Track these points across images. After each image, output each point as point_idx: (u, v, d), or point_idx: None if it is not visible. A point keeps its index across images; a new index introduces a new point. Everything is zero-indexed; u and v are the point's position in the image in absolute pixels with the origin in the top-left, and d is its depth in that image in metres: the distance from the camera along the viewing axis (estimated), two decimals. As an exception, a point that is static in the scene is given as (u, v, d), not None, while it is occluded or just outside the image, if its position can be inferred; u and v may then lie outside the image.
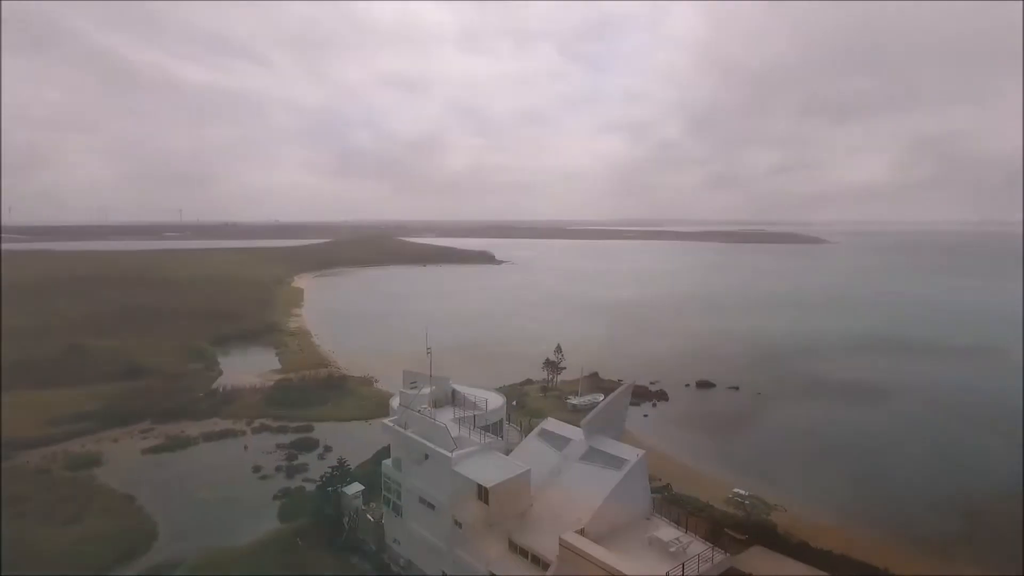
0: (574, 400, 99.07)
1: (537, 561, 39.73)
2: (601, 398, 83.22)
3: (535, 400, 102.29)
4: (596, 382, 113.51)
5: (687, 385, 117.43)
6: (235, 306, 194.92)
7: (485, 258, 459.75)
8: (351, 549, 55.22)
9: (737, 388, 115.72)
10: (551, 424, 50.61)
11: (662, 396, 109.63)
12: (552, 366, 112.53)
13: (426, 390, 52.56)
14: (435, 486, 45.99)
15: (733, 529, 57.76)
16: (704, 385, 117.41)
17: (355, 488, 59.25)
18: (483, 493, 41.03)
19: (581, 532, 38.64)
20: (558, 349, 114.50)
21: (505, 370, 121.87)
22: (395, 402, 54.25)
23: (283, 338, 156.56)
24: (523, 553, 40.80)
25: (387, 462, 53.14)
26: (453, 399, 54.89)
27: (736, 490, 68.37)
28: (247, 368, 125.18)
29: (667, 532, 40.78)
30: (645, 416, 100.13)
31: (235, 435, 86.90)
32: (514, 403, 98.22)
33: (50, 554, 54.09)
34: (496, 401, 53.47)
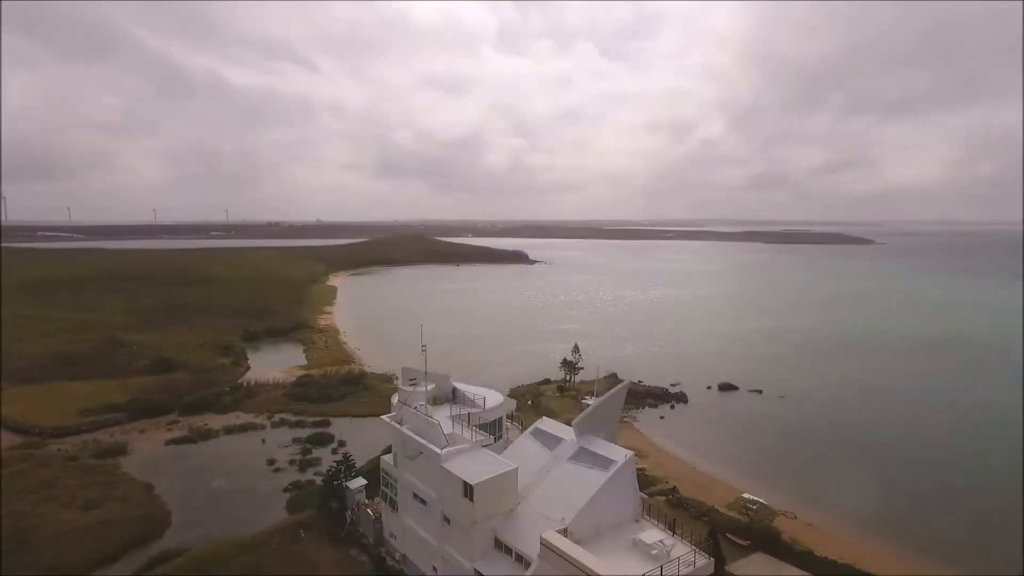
0: (588, 400, 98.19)
1: (520, 559, 39.77)
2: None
3: (551, 400, 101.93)
4: (614, 383, 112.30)
5: (708, 388, 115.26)
6: (269, 303, 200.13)
7: (518, 258, 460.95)
8: (352, 542, 56.25)
9: (760, 391, 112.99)
10: (545, 424, 50.49)
11: (681, 398, 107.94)
12: (569, 366, 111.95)
13: (422, 387, 53.05)
14: (427, 482, 46.46)
15: (735, 534, 56.66)
16: (726, 388, 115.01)
17: (358, 483, 60.19)
18: (468, 490, 41.24)
19: (564, 532, 38.53)
20: (576, 349, 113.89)
21: (525, 369, 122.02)
22: (396, 399, 54.98)
23: (312, 335, 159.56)
24: (507, 551, 40.95)
25: (386, 458, 53.98)
26: (453, 397, 55.29)
27: (743, 495, 66.78)
28: (274, 364, 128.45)
29: (652, 535, 40.12)
30: (662, 418, 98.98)
31: (255, 428, 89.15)
32: (530, 402, 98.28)
33: (69, 536, 56.70)
34: (495, 399, 53.59)
